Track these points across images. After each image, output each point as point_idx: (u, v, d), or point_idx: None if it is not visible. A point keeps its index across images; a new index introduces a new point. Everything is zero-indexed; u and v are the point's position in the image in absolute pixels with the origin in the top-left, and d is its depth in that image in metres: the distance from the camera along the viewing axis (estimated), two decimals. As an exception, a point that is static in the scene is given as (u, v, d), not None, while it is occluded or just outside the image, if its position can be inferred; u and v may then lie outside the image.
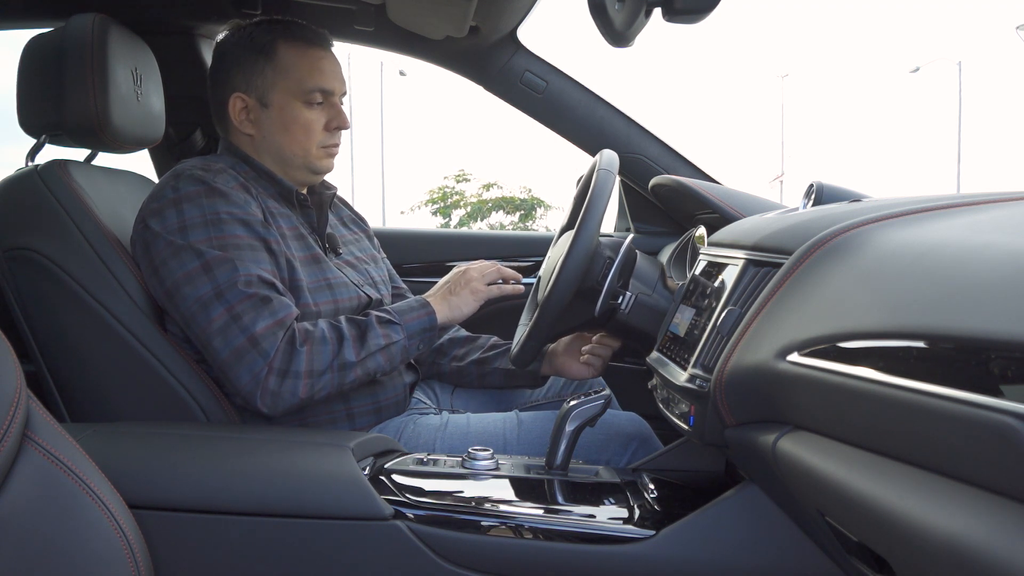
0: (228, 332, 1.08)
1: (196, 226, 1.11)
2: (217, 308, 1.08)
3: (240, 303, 1.09)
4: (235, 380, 1.09)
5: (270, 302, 1.10)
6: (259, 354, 1.08)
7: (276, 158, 1.26)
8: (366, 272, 1.37)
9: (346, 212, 1.47)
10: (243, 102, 1.24)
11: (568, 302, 1.11)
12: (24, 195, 1.18)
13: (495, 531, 0.88)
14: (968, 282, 0.52)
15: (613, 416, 1.26)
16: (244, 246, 1.12)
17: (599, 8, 0.75)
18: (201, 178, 1.14)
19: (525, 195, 13.35)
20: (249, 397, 1.09)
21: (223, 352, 1.09)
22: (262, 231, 1.15)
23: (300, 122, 1.24)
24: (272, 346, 1.08)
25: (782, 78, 22.41)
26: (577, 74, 1.78)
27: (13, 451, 0.64)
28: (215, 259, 1.09)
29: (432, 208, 13.67)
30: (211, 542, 0.88)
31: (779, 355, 0.68)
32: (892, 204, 0.77)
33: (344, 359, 1.13)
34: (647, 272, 1.20)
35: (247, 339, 1.08)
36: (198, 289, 1.09)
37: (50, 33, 1.22)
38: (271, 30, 1.24)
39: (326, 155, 1.28)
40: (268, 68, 1.23)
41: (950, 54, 21.53)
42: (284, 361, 1.09)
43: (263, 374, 1.08)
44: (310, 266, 1.22)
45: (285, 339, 1.09)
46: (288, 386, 1.09)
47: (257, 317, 1.08)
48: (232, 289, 1.09)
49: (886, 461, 0.55)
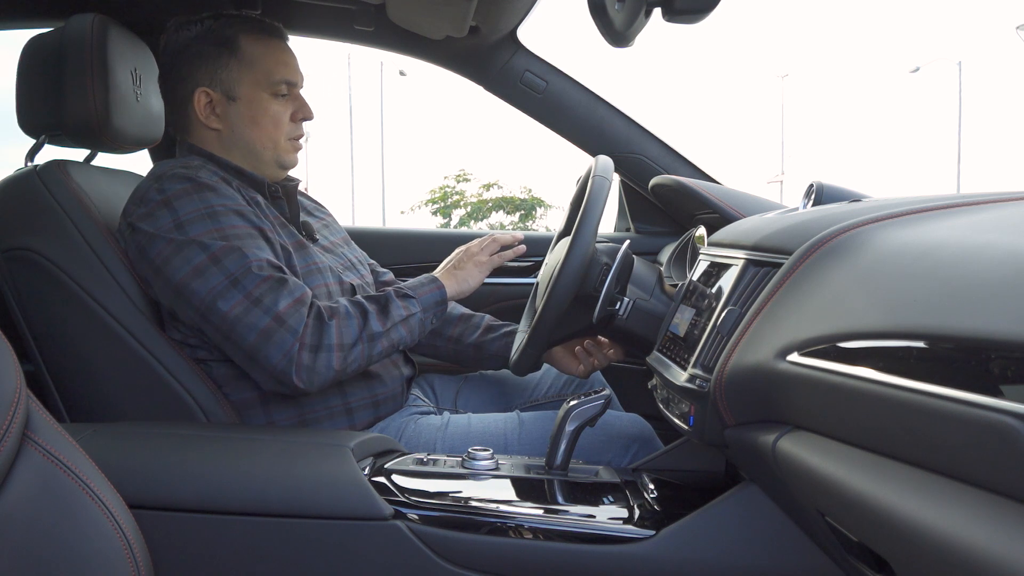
0: (251, 316, 1.07)
1: (194, 221, 1.10)
2: (235, 295, 1.08)
3: (257, 287, 1.08)
4: (265, 361, 1.08)
5: (286, 282, 1.10)
6: (287, 331, 1.07)
7: (245, 152, 1.26)
8: (343, 256, 1.38)
9: (307, 202, 1.47)
10: (208, 96, 1.23)
11: (566, 309, 1.11)
12: (23, 195, 1.18)
13: (495, 531, 0.88)
14: (968, 282, 0.52)
15: (615, 417, 1.26)
16: (244, 235, 1.12)
17: (599, 8, 0.75)
18: (186, 175, 1.14)
19: (525, 195, 13.37)
20: (283, 376, 1.08)
21: (249, 336, 1.08)
22: (256, 220, 1.16)
23: (269, 114, 1.25)
24: (299, 322, 1.08)
25: (782, 78, 22.43)
26: (577, 74, 1.78)
27: (13, 451, 0.64)
28: (221, 249, 1.09)
29: (432, 208, 13.68)
30: (211, 542, 0.88)
31: (779, 355, 0.68)
32: (892, 204, 0.77)
33: (372, 330, 1.14)
34: (645, 277, 1.20)
35: (273, 319, 1.07)
36: (209, 281, 1.08)
37: (50, 33, 1.22)
38: (231, 23, 1.24)
39: (293, 148, 1.29)
40: (233, 61, 1.22)
41: (950, 54, 21.51)
42: (315, 336, 1.09)
43: (295, 350, 1.07)
44: (300, 251, 1.23)
45: (312, 315, 1.10)
46: (322, 360, 1.09)
47: (278, 297, 1.08)
48: (247, 275, 1.08)
49: (886, 461, 0.55)
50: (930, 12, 38.64)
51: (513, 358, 1.25)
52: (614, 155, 1.81)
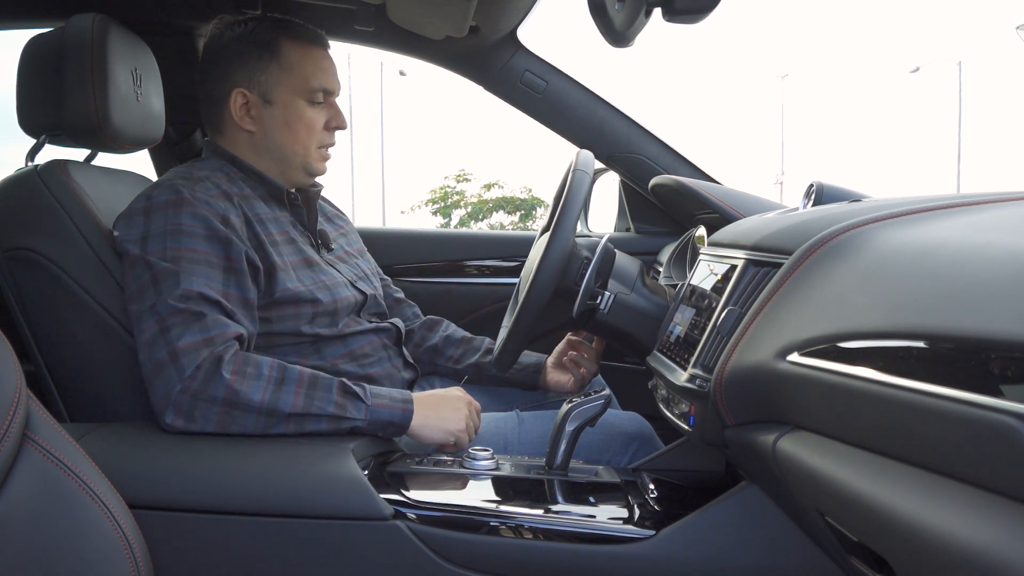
0: (154, 344, 1.02)
1: (155, 236, 1.08)
2: (149, 320, 1.03)
3: (171, 316, 1.02)
4: (151, 394, 1.02)
5: (203, 318, 1.03)
6: (176, 370, 0.99)
7: (275, 156, 1.26)
8: (356, 266, 1.37)
9: (328, 208, 1.47)
10: (245, 97, 1.23)
11: (546, 303, 1.11)
12: (24, 195, 1.17)
13: (495, 531, 0.88)
14: (968, 282, 0.52)
15: (614, 416, 1.26)
16: (199, 260, 1.07)
17: (599, 8, 0.75)
18: (177, 187, 1.12)
19: (526, 195, 13.36)
20: (159, 414, 1.00)
21: (147, 365, 1.02)
22: (226, 248, 1.10)
23: (304, 120, 1.24)
24: (192, 363, 0.99)
25: (782, 78, 22.43)
26: (577, 74, 1.78)
27: (13, 451, 0.64)
28: (162, 272, 1.05)
29: (432, 208, 13.68)
30: (211, 542, 0.88)
31: (779, 355, 0.68)
32: (892, 204, 0.77)
33: (275, 406, 1.00)
34: (626, 271, 1.19)
35: (168, 354, 1.00)
36: (141, 302, 1.05)
37: (50, 33, 1.21)
38: (274, 27, 1.24)
39: (322, 157, 1.28)
40: (273, 65, 1.22)
41: (950, 54, 21.52)
42: (202, 383, 0.99)
43: (175, 390, 0.99)
44: (303, 270, 1.21)
45: (210, 359, 1.00)
46: (201, 409, 0.99)
47: (184, 331, 1.01)
48: (164, 303, 1.03)
49: (886, 461, 0.55)
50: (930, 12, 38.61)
51: (495, 354, 1.25)
52: (614, 155, 1.82)
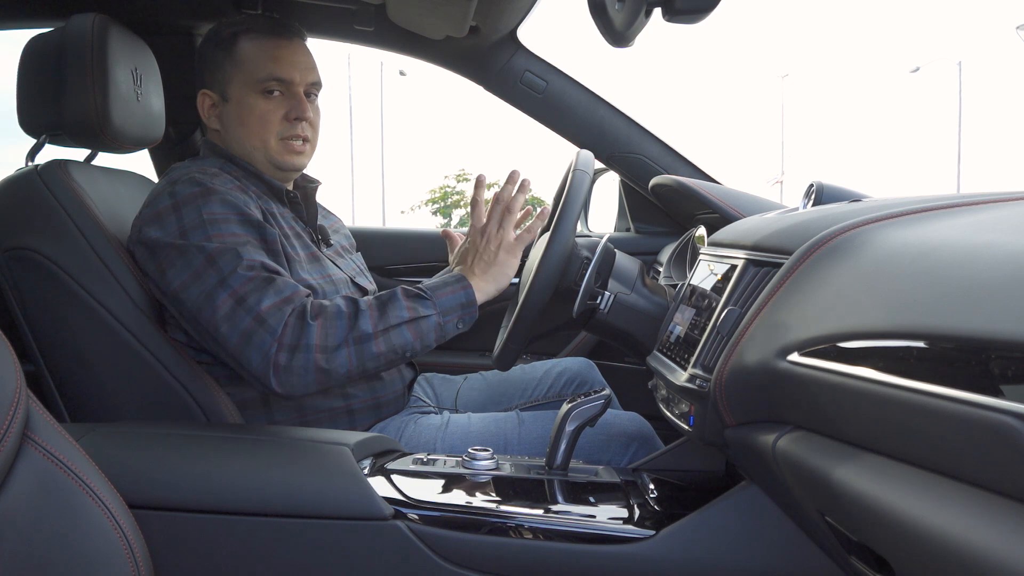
0: (235, 316, 1.05)
1: (196, 227, 1.10)
2: (222, 295, 1.06)
3: (243, 285, 1.06)
4: (247, 364, 1.05)
5: (273, 281, 1.07)
6: (267, 331, 1.04)
7: (240, 153, 1.26)
8: (352, 262, 1.38)
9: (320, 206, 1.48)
10: (209, 99, 1.25)
11: (546, 303, 1.10)
12: (24, 195, 1.18)
13: (495, 531, 0.88)
14: (968, 282, 0.52)
15: (615, 416, 1.26)
16: (244, 242, 1.11)
17: (599, 8, 0.75)
18: (198, 180, 1.14)
19: (525, 195, 13.36)
20: (263, 378, 1.05)
21: (232, 337, 1.05)
22: (260, 231, 1.14)
23: (256, 113, 1.23)
24: (279, 322, 1.04)
25: (782, 78, 22.44)
26: (577, 74, 1.78)
27: (13, 451, 0.64)
28: (216, 251, 1.08)
29: (432, 208, 13.69)
30: (211, 542, 0.88)
31: (779, 355, 0.68)
32: (892, 204, 0.77)
33: (360, 331, 1.06)
34: (626, 271, 1.19)
35: (253, 319, 1.04)
36: (204, 283, 1.07)
37: (50, 33, 1.21)
38: (234, 24, 1.25)
39: (286, 149, 1.25)
40: (227, 62, 1.23)
41: (950, 54, 21.52)
42: (294, 335, 1.04)
43: (272, 351, 1.03)
44: (313, 264, 1.23)
45: (294, 314, 1.05)
46: (299, 360, 1.03)
47: (262, 297, 1.05)
48: (234, 274, 1.06)
49: (886, 461, 0.55)
50: (930, 12, 38.60)
51: (495, 353, 1.25)
52: (614, 155, 1.82)
